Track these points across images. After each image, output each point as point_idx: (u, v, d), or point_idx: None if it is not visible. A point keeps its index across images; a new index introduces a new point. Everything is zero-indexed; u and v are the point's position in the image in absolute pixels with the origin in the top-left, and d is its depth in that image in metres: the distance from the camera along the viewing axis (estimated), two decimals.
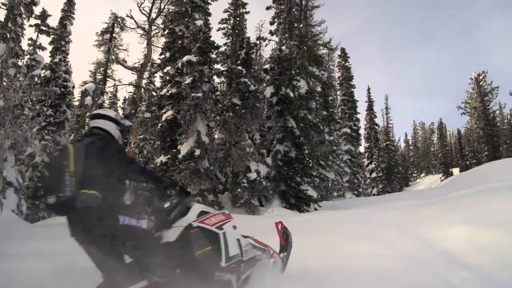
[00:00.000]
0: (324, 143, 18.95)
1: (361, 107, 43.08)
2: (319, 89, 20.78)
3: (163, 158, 15.30)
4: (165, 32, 17.24)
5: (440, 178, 52.02)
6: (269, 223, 5.05)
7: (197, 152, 13.80)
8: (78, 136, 22.12)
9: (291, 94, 16.62)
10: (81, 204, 2.60)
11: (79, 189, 2.64)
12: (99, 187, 2.70)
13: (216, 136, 17.25)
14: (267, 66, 17.71)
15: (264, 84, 17.98)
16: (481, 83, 43.40)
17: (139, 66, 25.69)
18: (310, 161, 17.16)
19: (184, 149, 14.10)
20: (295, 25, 21.17)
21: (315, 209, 15.79)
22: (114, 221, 2.79)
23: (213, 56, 16.31)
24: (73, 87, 24.74)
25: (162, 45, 17.51)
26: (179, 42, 16.37)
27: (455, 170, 52.84)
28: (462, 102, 46.08)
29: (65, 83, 23.54)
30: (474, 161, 47.98)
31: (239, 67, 15.64)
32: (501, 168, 14.17)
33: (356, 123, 34.72)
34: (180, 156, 14.10)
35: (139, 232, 2.90)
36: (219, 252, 3.09)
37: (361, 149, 38.39)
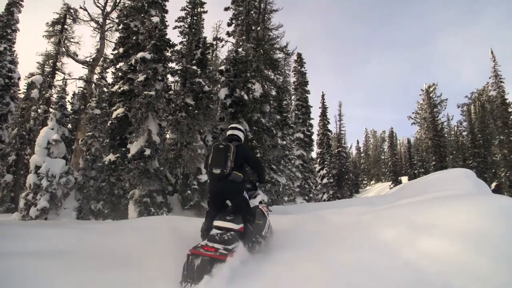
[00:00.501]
0: (276, 148, 19.14)
1: (315, 113, 43.87)
2: (274, 93, 21.01)
3: (111, 157, 15.05)
4: (120, 27, 16.86)
5: (389, 186, 53.72)
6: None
7: (147, 151, 13.69)
8: (23, 131, 21.38)
9: (246, 97, 16.73)
10: (232, 178, 5.31)
11: (232, 170, 5.30)
12: (242, 171, 5.48)
13: (167, 136, 17.11)
14: (222, 67, 17.69)
15: (219, 86, 17.98)
16: (431, 94, 45.21)
17: (91, 60, 25.24)
18: (262, 165, 17.31)
19: (134, 148, 13.92)
20: (253, 28, 21.33)
21: None
22: (242, 194, 5.55)
23: (168, 54, 16.15)
24: (19, 78, 23.98)
25: (116, 40, 17.16)
26: (134, 38, 16.12)
27: (404, 178, 54.80)
28: (413, 112, 48.08)
29: (10, 74, 22.81)
30: (422, 170, 49.95)
31: (194, 67, 15.62)
32: (447, 178, 14.73)
33: (309, 128, 35.03)
34: (129, 155, 13.90)
35: (248, 202, 5.67)
36: (264, 226, 5.98)
37: (313, 154, 38.99)
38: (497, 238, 3.81)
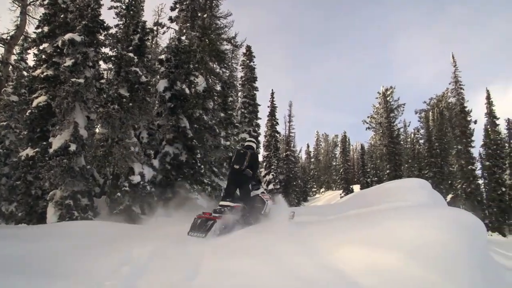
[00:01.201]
0: (219, 148, 19.20)
1: (263, 112, 44.05)
2: (218, 88, 21.09)
3: (29, 152, 14.60)
4: (45, 2, 16.33)
5: (340, 194, 54.94)
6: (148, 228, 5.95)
7: (73, 147, 13.38)
8: None
9: (187, 91, 16.72)
10: (245, 173, 8.99)
11: (246, 168, 9.00)
12: (251, 170, 9.16)
13: (97, 130, 16.76)
14: (162, 56, 17.59)
15: (158, 77, 17.87)
16: (388, 98, 46.59)
17: (8, 38, 24.20)
18: (202, 166, 17.34)
19: (56, 142, 13.55)
20: (199, 15, 21.30)
21: None
22: (248, 184, 9.22)
23: (101, 37, 15.80)
24: None
25: (40, 16, 16.51)
26: (62, 16, 15.71)
27: (356, 187, 56.30)
28: (368, 116, 49.41)
29: None
30: (376, 178, 51.55)
31: (131, 54, 15.38)
32: (401, 188, 15.17)
33: (256, 129, 34.76)
34: (51, 150, 13.51)
35: (249, 191, 9.21)
36: (263, 208, 9.15)
37: (259, 157, 39.17)
38: (451, 251, 4.04)
